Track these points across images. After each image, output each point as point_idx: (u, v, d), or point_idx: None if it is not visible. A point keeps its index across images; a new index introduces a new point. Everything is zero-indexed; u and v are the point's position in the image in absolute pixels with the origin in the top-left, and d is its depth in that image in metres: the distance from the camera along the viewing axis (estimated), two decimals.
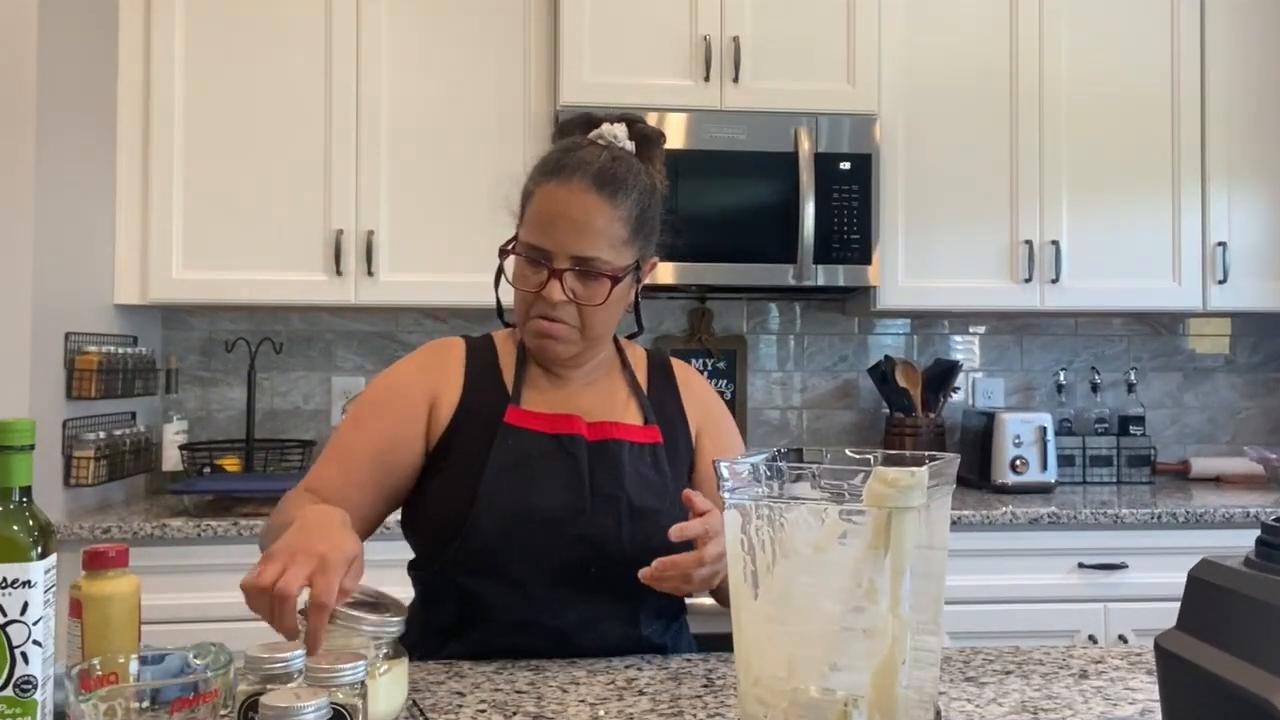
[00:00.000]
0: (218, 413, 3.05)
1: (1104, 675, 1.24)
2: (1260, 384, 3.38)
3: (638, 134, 1.39)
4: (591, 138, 1.38)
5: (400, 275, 2.77)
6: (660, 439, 1.40)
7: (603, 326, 1.36)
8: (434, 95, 2.81)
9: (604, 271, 1.31)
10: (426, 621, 1.37)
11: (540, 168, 1.35)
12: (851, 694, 0.88)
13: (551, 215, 1.30)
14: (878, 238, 2.80)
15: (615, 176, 1.31)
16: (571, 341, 1.35)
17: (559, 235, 1.30)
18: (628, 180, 1.32)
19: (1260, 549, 0.75)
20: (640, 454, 1.38)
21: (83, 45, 2.57)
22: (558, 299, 1.31)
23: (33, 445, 0.90)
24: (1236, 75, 2.99)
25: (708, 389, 1.52)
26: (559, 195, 1.30)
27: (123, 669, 0.88)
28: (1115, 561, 2.58)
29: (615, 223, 1.31)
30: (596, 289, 1.32)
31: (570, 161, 1.32)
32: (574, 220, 1.29)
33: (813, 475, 0.91)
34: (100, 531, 2.35)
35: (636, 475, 1.35)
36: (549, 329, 1.33)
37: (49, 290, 2.42)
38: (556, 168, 1.32)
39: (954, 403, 3.24)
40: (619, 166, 1.33)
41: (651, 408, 1.43)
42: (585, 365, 1.43)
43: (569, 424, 1.36)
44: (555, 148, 1.37)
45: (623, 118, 1.40)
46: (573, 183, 1.30)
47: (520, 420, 1.35)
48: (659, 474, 1.38)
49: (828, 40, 2.82)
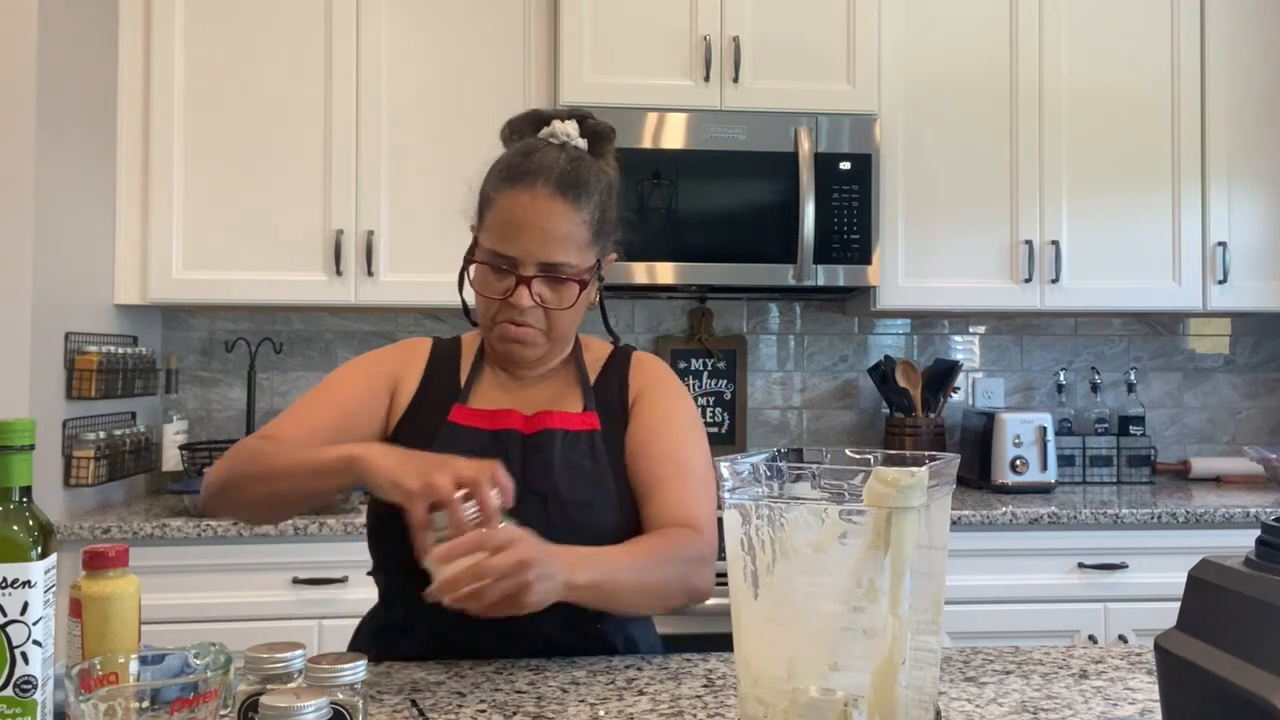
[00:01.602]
0: (218, 413, 3.05)
1: (1104, 675, 1.24)
2: (1260, 384, 3.38)
3: (589, 130, 1.39)
4: (543, 137, 1.37)
5: (400, 275, 2.77)
6: (599, 426, 1.38)
7: (568, 328, 1.37)
8: (434, 95, 2.81)
9: (570, 276, 1.32)
10: (385, 620, 1.38)
11: (500, 174, 1.34)
12: (851, 694, 0.88)
13: (517, 223, 1.30)
14: (877, 238, 2.80)
15: (578, 180, 1.32)
16: (538, 345, 1.36)
17: (526, 243, 1.30)
18: (589, 182, 1.33)
19: (1260, 549, 0.75)
20: (574, 442, 1.36)
21: (83, 45, 2.57)
22: (526, 305, 1.31)
23: (33, 445, 0.90)
24: (1236, 75, 2.99)
25: (657, 369, 1.46)
26: (522, 201, 1.29)
27: (123, 669, 0.88)
28: (1115, 561, 2.59)
29: (580, 226, 1.31)
30: (564, 293, 1.33)
31: (531, 166, 1.31)
32: (540, 227, 1.29)
33: (813, 475, 0.91)
34: (100, 531, 2.35)
35: (568, 465, 1.34)
36: (517, 334, 1.34)
37: (49, 290, 2.42)
38: (518, 173, 1.31)
39: (954, 403, 3.24)
40: (580, 168, 1.33)
41: (593, 395, 1.41)
42: (547, 366, 1.43)
43: (506, 419, 1.37)
44: (512, 151, 1.36)
45: (572, 114, 1.39)
46: (536, 188, 1.29)
47: (463, 418, 1.37)
48: (594, 462, 1.35)
49: (828, 40, 2.82)
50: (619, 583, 1.20)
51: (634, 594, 1.23)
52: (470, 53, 2.82)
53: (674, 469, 1.35)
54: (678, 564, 1.26)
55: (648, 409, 1.40)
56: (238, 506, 1.31)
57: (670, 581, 1.26)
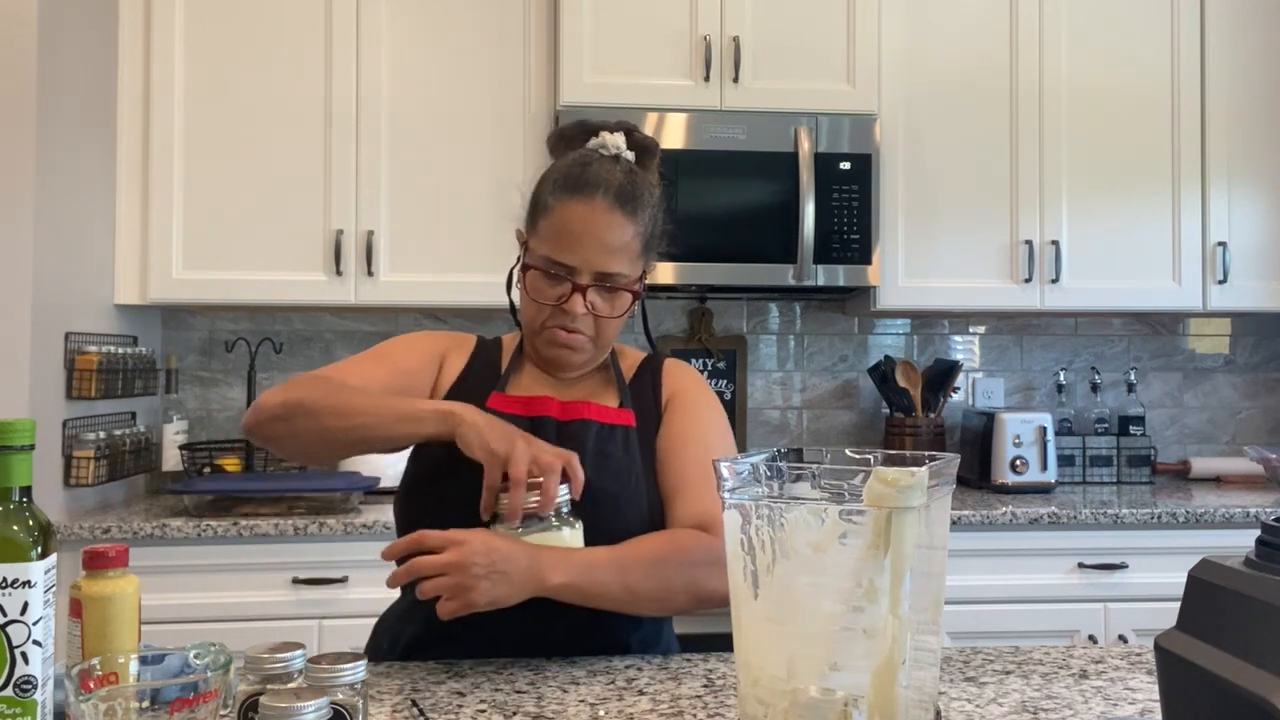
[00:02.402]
0: (218, 413, 3.05)
1: (1104, 675, 1.24)
2: (1260, 384, 3.38)
3: (636, 144, 1.43)
4: (593, 148, 1.40)
5: (400, 275, 2.77)
6: (633, 422, 1.41)
7: (614, 335, 1.42)
8: (434, 95, 2.81)
9: (624, 286, 1.36)
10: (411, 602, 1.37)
11: (558, 183, 1.36)
12: (851, 694, 0.88)
13: (577, 233, 1.33)
14: (878, 238, 2.80)
15: (635, 194, 1.36)
16: (585, 351, 1.40)
17: (585, 253, 1.33)
18: (643, 196, 1.37)
19: (1260, 549, 0.75)
20: (609, 435, 1.38)
21: (83, 45, 2.57)
22: (580, 312, 1.35)
23: (33, 445, 0.90)
24: (1236, 75, 2.99)
25: (691, 377, 1.50)
26: (581, 213, 1.33)
27: (123, 669, 0.88)
28: (1115, 561, 2.59)
29: (634, 238, 1.36)
30: (616, 303, 1.37)
31: (590, 178, 1.34)
32: (598, 238, 1.33)
33: (813, 475, 0.91)
34: (100, 531, 2.35)
35: (600, 455, 1.35)
36: (567, 339, 1.37)
37: (49, 290, 2.42)
38: (578, 184, 1.34)
39: (954, 403, 3.24)
40: (636, 182, 1.37)
41: (630, 393, 1.45)
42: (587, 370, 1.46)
43: (541, 406, 1.40)
44: (569, 161, 1.39)
45: (619, 126, 1.42)
46: (595, 200, 1.33)
47: (499, 404, 1.39)
48: (626, 455, 1.38)
49: (828, 40, 2.82)
50: (602, 583, 1.21)
51: (623, 594, 1.23)
52: (470, 53, 2.82)
53: (701, 473, 1.36)
54: (682, 567, 1.26)
55: (680, 413, 1.44)
56: (300, 435, 1.29)
57: (670, 584, 1.26)
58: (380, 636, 1.43)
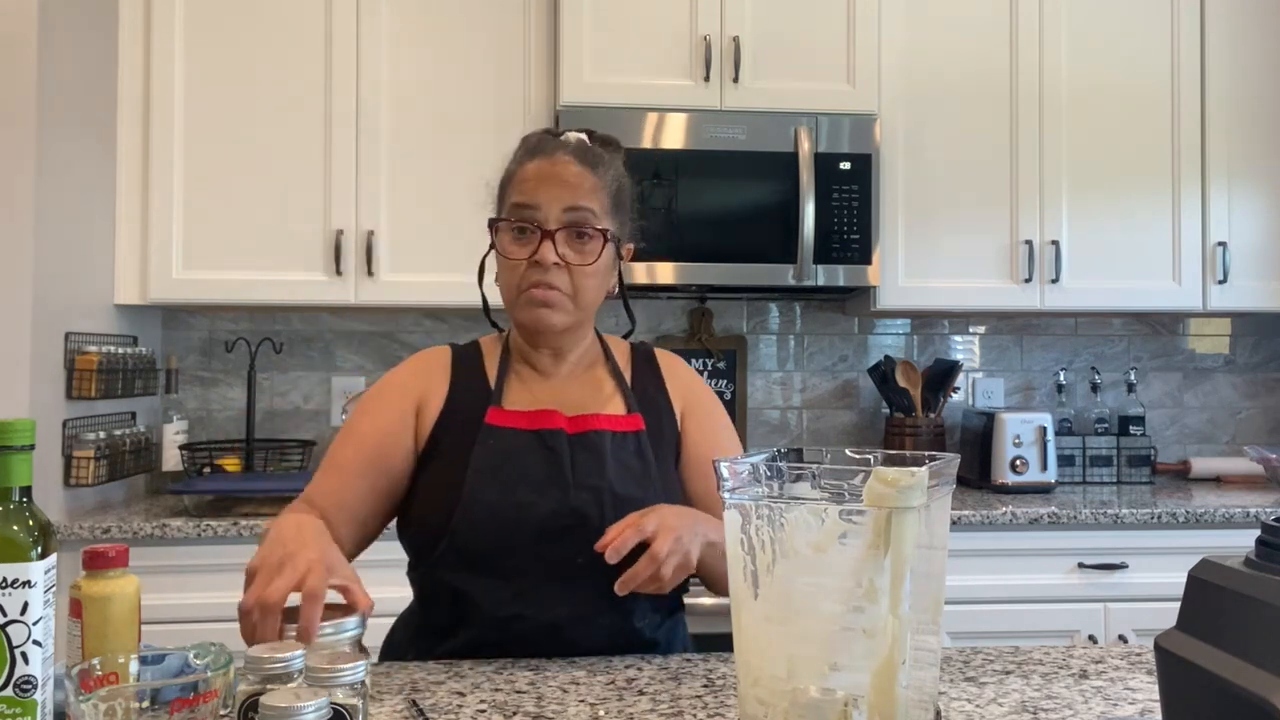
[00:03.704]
0: (218, 413, 3.05)
1: (1104, 675, 1.24)
2: (1260, 384, 3.38)
3: (599, 139, 1.46)
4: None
5: (400, 275, 2.77)
6: (643, 427, 1.41)
7: (593, 294, 1.40)
8: (434, 95, 2.81)
9: (595, 227, 1.36)
10: (423, 621, 1.38)
11: (520, 152, 1.42)
12: (851, 694, 0.88)
13: (540, 179, 1.37)
14: (878, 238, 2.80)
15: (594, 154, 1.41)
16: (565, 310, 1.37)
17: (550, 190, 1.35)
18: (605, 159, 1.41)
19: (1260, 549, 0.75)
20: (623, 443, 1.38)
21: (83, 45, 2.57)
22: (551, 260, 1.34)
23: (33, 445, 0.90)
24: (1236, 75, 2.99)
25: (691, 374, 1.52)
26: (544, 165, 1.38)
27: (123, 669, 0.88)
28: (1115, 561, 2.58)
29: (599, 189, 1.38)
30: (588, 249, 1.37)
31: (550, 142, 1.40)
32: (561, 178, 1.36)
33: (813, 475, 0.91)
34: (100, 531, 2.35)
35: (618, 464, 1.36)
36: (544, 296, 1.35)
37: (49, 290, 2.42)
38: (537, 147, 1.40)
39: (954, 403, 3.24)
40: (596, 147, 1.42)
41: (634, 396, 1.44)
42: (573, 351, 1.45)
43: (549, 419, 1.38)
44: (528, 135, 1.46)
45: (580, 130, 1.47)
46: (556, 155, 1.38)
47: (500, 420, 1.37)
48: (642, 461, 1.38)
49: (828, 40, 2.82)
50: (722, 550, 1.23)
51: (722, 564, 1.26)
52: (470, 53, 2.82)
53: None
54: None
55: (696, 426, 1.46)
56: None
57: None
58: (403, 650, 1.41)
